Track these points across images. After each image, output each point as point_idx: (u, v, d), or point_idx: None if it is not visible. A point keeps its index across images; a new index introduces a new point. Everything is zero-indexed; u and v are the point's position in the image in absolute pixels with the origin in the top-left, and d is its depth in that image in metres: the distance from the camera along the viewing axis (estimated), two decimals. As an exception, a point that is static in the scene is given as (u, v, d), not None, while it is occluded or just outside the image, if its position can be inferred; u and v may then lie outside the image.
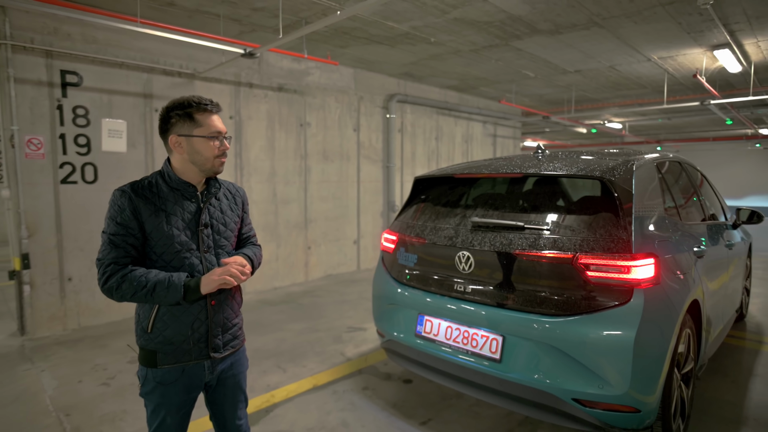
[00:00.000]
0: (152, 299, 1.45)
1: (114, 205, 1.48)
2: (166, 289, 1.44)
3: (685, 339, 2.37)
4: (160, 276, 1.45)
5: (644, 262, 2.06)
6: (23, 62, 4.04)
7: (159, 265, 1.51)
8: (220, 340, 1.59)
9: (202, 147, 1.53)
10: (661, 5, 4.31)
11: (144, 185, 1.53)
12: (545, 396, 2.12)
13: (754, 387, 3.09)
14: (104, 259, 1.45)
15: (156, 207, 1.51)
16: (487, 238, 2.36)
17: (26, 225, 4.12)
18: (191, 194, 1.57)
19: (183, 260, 1.52)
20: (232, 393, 1.69)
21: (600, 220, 2.18)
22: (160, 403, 1.53)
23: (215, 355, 1.58)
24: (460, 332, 2.40)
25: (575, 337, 2.06)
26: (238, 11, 4.49)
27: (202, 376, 1.58)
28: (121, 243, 1.46)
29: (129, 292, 1.43)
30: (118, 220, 1.47)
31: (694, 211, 3.12)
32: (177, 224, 1.52)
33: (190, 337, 1.53)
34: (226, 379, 1.66)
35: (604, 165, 2.38)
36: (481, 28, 5.00)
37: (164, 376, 1.52)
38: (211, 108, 1.56)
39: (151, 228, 1.49)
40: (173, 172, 1.56)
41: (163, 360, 1.51)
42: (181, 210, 1.54)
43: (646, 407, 2.04)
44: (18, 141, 4.04)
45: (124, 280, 1.43)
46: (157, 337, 1.51)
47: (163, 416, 1.54)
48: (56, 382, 3.23)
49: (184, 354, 1.53)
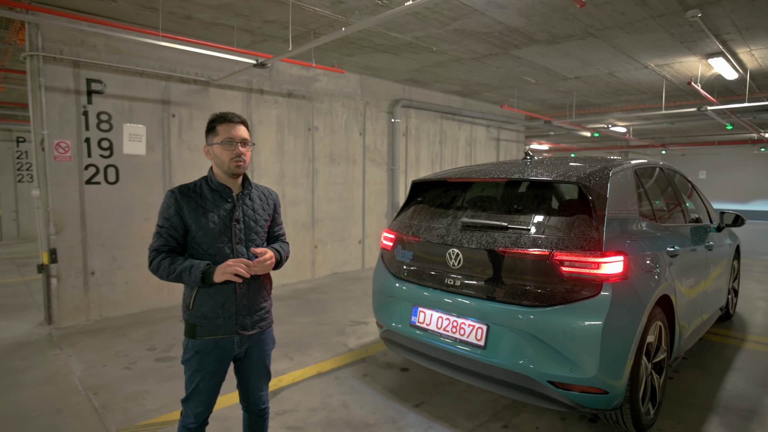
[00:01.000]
0: (181, 281, 1.76)
1: (164, 202, 1.81)
2: (188, 274, 1.73)
3: (655, 330, 2.59)
4: (185, 263, 1.75)
5: (613, 259, 2.29)
6: (53, 72, 4.37)
7: (199, 252, 1.81)
8: (248, 319, 1.86)
9: (219, 152, 1.81)
10: (652, 17, 4.52)
11: (190, 187, 1.85)
12: (524, 379, 2.36)
13: (730, 380, 3.29)
14: (151, 246, 1.81)
15: (197, 204, 1.81)
16: (475, 237, 2.60)
17: (54, 222, 4.44)
18: (227, 195, 1.87)
19: (218, 249, 1.81)
20: (257, 367, 1.95)
21: (576, 221, 2.42)
22: (196, 370, 1.81)
23: (243, 332, 1.85)
24: (450, 322, 2.65)
25: (550, 326, 2.30)
26: (251, 23, 4.79)
27: (231, 350, 1.86)
28: (164, 234, 1.79)
29: (164, 274, 1.76)
30: (165, 215, 1.80)
31: (673, 214, 3.33)
32: (213, 219, 1.81)
33: (221, 315, 1.81)
34: (252, 354, 1.92)
35: (583, 171, 2.61)
36: (481, 38, 5.25)
37: (201, 346, 1.80)
38: (230, 118, 1.82)
39: (191, 222, 1.80)
40: (214, 177, 1.87)
41: (200, 332, 1.80)
42: (218, 208, 1.84)
43: (613, 390, 2.27)
44: (47, 144, 4.37)
45: (160, 265, 1.76)
46: (196, 312, 1.80)
47: (197, 381, 1.81)
48: (83, 365, 3.54)
49: (217, 328, 1.81)
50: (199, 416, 1.85)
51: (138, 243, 4.96)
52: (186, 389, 1.84)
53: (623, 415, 2.43)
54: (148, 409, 2.87)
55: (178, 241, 1.81)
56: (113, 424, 2.70)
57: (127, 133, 4.82)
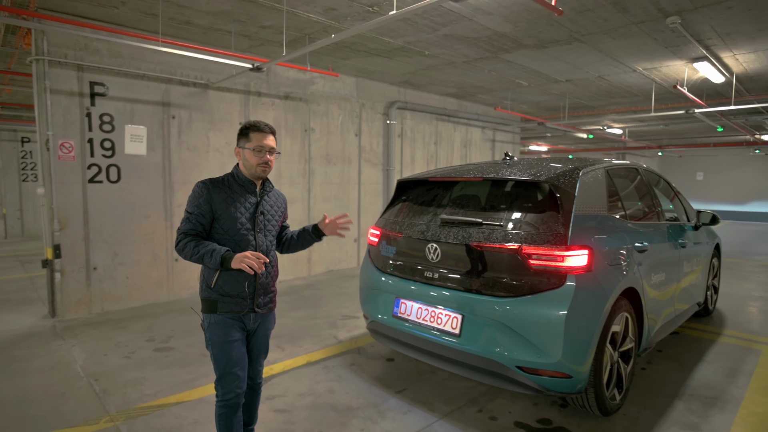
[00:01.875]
0: (203, 262, 1.97)
1: (195, 192, 2.02)
2: (210, 257, 1.94)
3: (621, 321, 2.75)
4: (209, 247, 1.96)
5: (578, 253, 2.46)
6: (58, 75, 4.57)
7: (225, 238, 2.03)
8: (262, 299, 2.10)
9: (249, 156, 2.06)
10: (634, 24, 4.68)
11: (220, 180, 2.09)
12: (495, 365, 2.53)
13: (699, 370, 3.45)
14: (180, 229, 2.02)
15: (227, 195, 2.04)
16: (452, 232, 2.78)
17: (58, 219, 4.63)
18: (252, 190, 2.12)
19: (242, 236, 2.04)
20: (261, 342, 2.19)
21: (545, 217, 2.58)
22: (223, 342, 2.00)
23: (258, 310, 2.09)
24: (429, 312, 2.82)
25: (519, 315, 2.46)
26: (248, 28, 4.97)
27: (248, 324, 2.09)
28: (193, 220, 2.01)
29: (188, 255, 1.97)
30: (196, 203, 2.01)
31: (645, 212, 3.50)
32: (240, 210, 2.05)
33: (242, 293, 2.03)
34: (259, 330, 2.16)
35: (554, 171, 2.78)
36: (471, 43, 5.42)
37: (222, 320, 2.02)
38: (263, 128, 2.07)
39: (221, 211, 2.02)
40: (241, 173, 2.11)
41: (221, 308, 2.01)
42: (244, 200, 2.08)
43: (576, 374, 2.44)
44: (52, 145, 4.56)
45: (186, 246, 1.97)
46: (218, 290, 2.01)
47: (227, 353, 1.99)
48: (85, 355, 3.72)
49: (236, 305, 2.03)
50: (241, 386, 2.01)
51: (138, 240, 5.15)
52: (217, 368, 2.01)
53: (588, 398, 2.60)
54: (145, 394, 3.05)
55: (205, 227, 2.03)
56: (113, 406, 2.88)
57: (128, 134, 5.01)
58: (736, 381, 3.26)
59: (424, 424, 2.69)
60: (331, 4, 4.26)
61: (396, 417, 2.77)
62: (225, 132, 5.80)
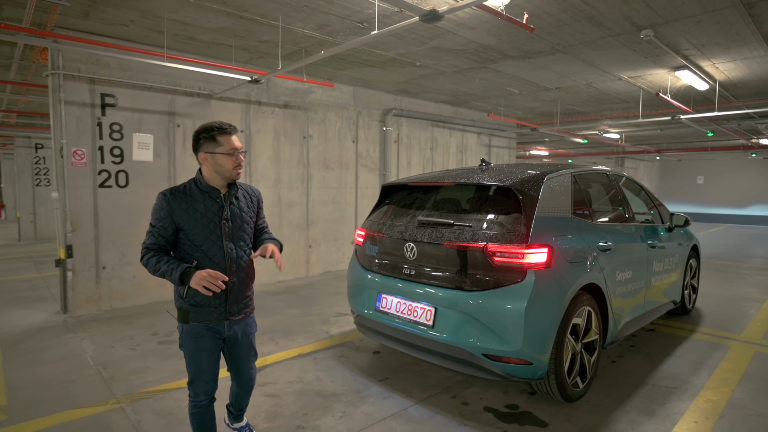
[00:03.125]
0: (162, 276, 1.95)
1: (156, 204, 2.01)
2: (170, 275, 1.92)
3: (582, 314, 2.99)
4: (169, 265, 1.93)
5: (537, 251, 2.71)
6: (72, 88, 4.91)
7: (192, 248, 2.00)
8: (235, 307, 2.09)
9: (223, 161, 2.00)
10: (611, 36, 4.93)
11: (180, 189, 2.03)
12: (464, 353, 2.78)
13: (667, 363, 3.66)
14: (144, 243, 2.02)
15: (188, 205, 1.99)
16: (427, 233, 3.04)
17: (70, 221, 4.96)
18: (216, 196, 2.05)
19: (210, 245, 2.00)
20: (246, 347, 2.20)
21: (509, 218, 2.84)
22: (196, 350, 2.03)
23: (231, 317, 2.08)
24: (406, 306, 3.08)
25: (484, 307, 2.71)
26: (247, 43, 5.29)
27: (222, 332, 2.09)
28: (155, 233, 1.99)
29: (151, 271, 1.96)
30: (157, 216, 1.99)
31: (612, 214, 3.73)
32: (204, 219, 2.01)
33: (213, 303, 2.03)
34: (241, 336, 2.15)
35: (520, 177, 3.03)
36: (459, 54, 5.69)
37: (195, 330, 2.03)
38: (230, 130, 2.02)
39: (184, 222, 1.98)
40: (203, 180, 2.05)
41: (193, 318, 2.02)
42: (207, 208, 2.02)
43: (537, 361, 2.68)
44: (66, 152, 4.89)
45: (148, 262, 1.97)
46: (189, 300, 2.01)
47: (199, 361, 2.03)
48: (94, 346, 4.02)
49: (208, 314, 2.03)
50: (209, 391, 2.08)
51: (145, 241, 5.45)
52: (189, 372, 2.05)
53: (550, 385, 2.83)
54: (148, 380, 3.33)
55: (168, 240, 2.00)
56: (119, 391, 3.17)
57: (136, 142, 5.34)
58: (700, 373, 3.48)
59: (401, 408, 2.94)
60: (324, 21, 4.56)
61: (376, 402, 3.02)
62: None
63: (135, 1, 4.09)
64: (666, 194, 19.72)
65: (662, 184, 19.77)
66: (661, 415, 2.84)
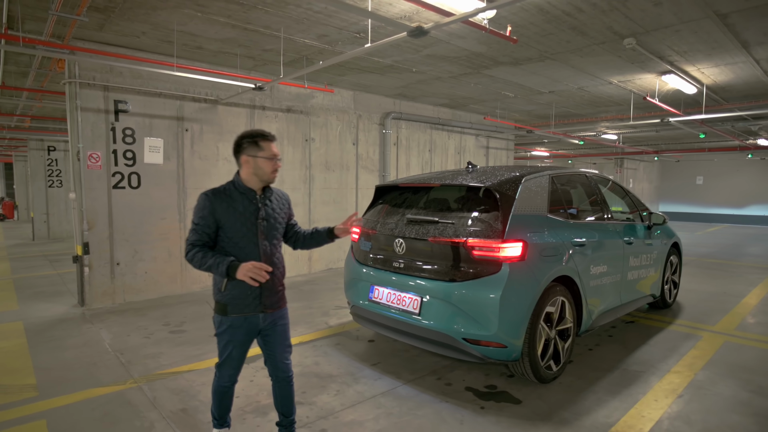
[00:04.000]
0: (210, 271, 2.12)
1: (199, 203, 2.15)
2: (217, 268, 2.08)
3: (556, 304, 3.27)
4: (215, 259, 2.08)
5: (512, 245, 3.00)
6: (87, 95, 5.25)
7: (230, 245, 2.16)
8: (269, 300, 2.23)
9: (263, 164, 2.18)
10: (596, 44, 5.20)
11: (221, 190, 2.19)
12: (446, 337, 3.08)
13: (640, 351, 3.94)
14: (188, 240, 2.16)
15: (228, 205, 2.15)
16: (414, 229, 3.34)
17: (87, 220, 5.31)
18: (252, 197, 2.22)
19: (246, 243, 2.17)
20: (281, 338, 2.32)
21: (488, 216, 3.13)
22: (229, 341, 2.21)
23: (267, 310, 2.23)
24: (396, 296, 3.38)
25: (464, 296, 3.01)
26: (252, 51, 5.61)
27: (258, 324, 2.23)
28: (199, 230, 2.14)
29: (197, 265, 2.12)
30: (200, 214, 2.14)
31: (589, 213, 4.01)
32: (242, 218, 2.17)
33: (249, 296, 2.18)
34: (276, 327, 2.29)
35: (500, 179, 3.32)
36: (452, 61, 5.99)
37: (232, 322, 2.18)
38: (271, 138, 2.22)
39: (224, 220, 2.14)
40: (241, 182, 2.21)
41: (231, 310, 2.17)
42: (245, 208, 2.19)
43: (511, 345, 2.97)
44: (82, 155, 5.24)
45: (194, 257, 2.12)
46: (228, 294, 2.16)
47: (230, 350, 2.22)
48: (111, 335, 4.36)
49: (245, 307, 2.18)
50: (232, 377, 2.29)
51: (156, 239, 5.80)
52: (220, 357, 2.26)
53: (524, 366, 3.12)
54: (162, 364, 3.66)
55: (210, 237, 2.16)
56: (136, 372, 3.49)
57: (147, 146, 5.68)
58: (668, 360, 3.75)
59: (390, 387, 3.25)
60: (322, 31, 4.87)
61: (367, 382, 3.33)
62: (232, 142, 6.43)
63: (147, 15, 4.42)
64: (666, 194, 19.88)
65: (662, 184, 19.92)
66: (626, 395, 3.12)
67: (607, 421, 2.79)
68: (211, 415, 2.41)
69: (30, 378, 3.41)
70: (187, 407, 2.97)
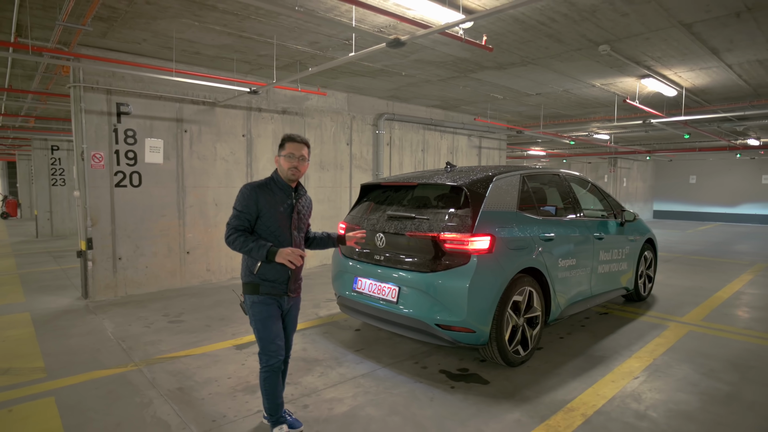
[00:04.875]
0: (249, 254, 2.38)
1: (244, 193, 2.42)
2: (258, 251, 2.33)
3: (524, 293, 3.54)
4: (255, 243, 2.35)
5: (480, 239, 3.27)
6: (91, 98, 5.54)
7: (267, 233, 2.43)
8: (293, 285, 2.54)
9: (283, 162, 2.48)
10: (573, 50, 5.47)
11: (263, 184, 2.48)
12: (421, 323, 3.36)
13: (607, 339, 4.21)
14: (231, 224, 2.41)
15: (270, 197, 2.44)
16: (393, 224, 3.61)
17: (90, 217, 5.59)
18: (288, 192, 2.52)
19: (281, 232, 2.45)
20: (293, 321, 2.65)
21: (460, 212, 3.41)
22: (266, 316, 2.44)
23: (291, 294, 2.53)
24: (376, 286, 3.66)
25: (436, 285, 3.29)
26: (247, 56, 5.89)
27: (283, 305, 2.53)
28: (242, 217, 2.40)
29: (237, 247, 2.37)
30: (245, 203, 2.40)
31: (560, 209, 4.27)
32: (280, 209, 2.46)
33: (279, 279, 2.46)
34: (292, 310, 2.62)
35: (472, 178, 3.60)
36: (440, 66, 6.26)
37: (264, 300, 2.46)
38: (295, 138, 2.47)
39: (265, 210, 2.42)
40: (280, 178, 2.51)
41: (262, 290, 2.44)
42: (283, 201, 2.48)
43: (479, 330, 3.25)
44: (86, 155, 5.53)
45: (236, 239, 2.37)
46: (260, 276, 2.43)
47: (270, 325, 2.44)
48: (113, 325, 4.64)
49: (274, 288, 2.46)
50: (281, 352, 2.45)
51: (156, 235, 6.09)
52: (261, 340, 2.44)
53: (492, 350, 3.40)
54: (161, 350, 3.94)
55: (251, 223, 2.42)
56: (136, 357, 3.78)
57: (148, 146, 5.96)
58: (632, 347, 4.02)
59: (370, 370, 3.53)
60: (313, 39, 5.14)
61: (350, 366, 3.61)
62: (230, 143, 6.73)
63: (147, 24, 4.70)
64: (660, 193, 20.12)
65: (656, 183, 20.17)
66: (586, 377, 3.40)
67: (565, 398, 3.07)
68: (265, 412, 2.53)
69: (38, 362, 3.69)
70: (183, 386, 3.25)
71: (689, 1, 3.99)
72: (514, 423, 2.76)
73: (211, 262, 6.66)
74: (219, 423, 2.76)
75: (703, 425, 2.75)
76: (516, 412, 2.89)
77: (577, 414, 2.86)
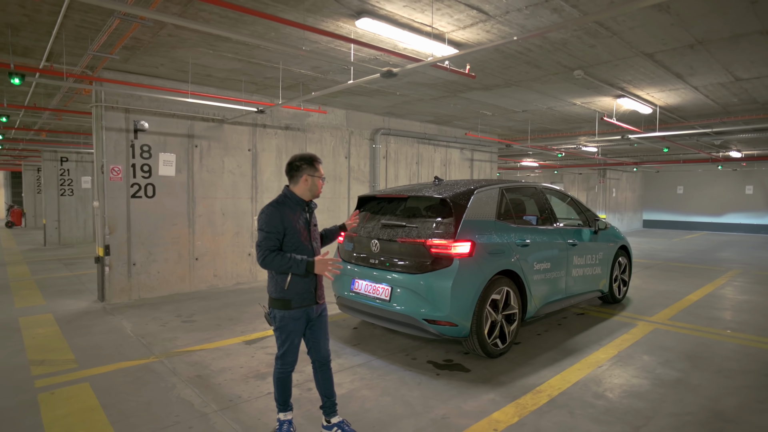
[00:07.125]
0: (288, 270, 2.46)
1: (269, 214, 2.49)
2: (297, 266, 2.44)
3: (501, 292, 4.01)
4: (295, 257, 2.45)
5: (462, 244, 3.76)
6: (111, 116, 6.04)
7: (290, 247, 2.52)
8: (319, 292, 2.65)
9: (318, 183, 2.64)
10: (551, 74, 6.02)
11: (281, 202, 2.56)
12: (411, 319, 3.82)
13: (580, 336, 4.67)
14: (262, 246, 2.46)
15: (291, 214, 2.54)
16: (386, 232, 4.10)
17: (108, 226, 6.06)
18: (304, 207, 2.63)
19: (302, 244, 2.56)
20: (325, 327, 2.73)
21: (445, 221, 3.89)
22: (291, 332, 2.56)
23: (319, 301, 2.65)
24: (371, 287, 4.13)
25: (424, 285, 3.76)
26: (254, 78, 6.42)
27: (311, 315, 2.63)
28: (272, 238, 2.47)
29: (276, 266, 2.44)
30: (273, 224, 2.47)
31: (535, 219, 4.77)
32: (299, 224, 2.57)
33: (307, 291, 2.57)
34: (321, 317, 2.70)
35: (455, 191, 4.09)
36: (431, 86, 6.80)
37: (294, 314, 2.55)
38: (321, 161, 2.68)
39: (288, 226, 2.52)
40: (294, 194, 2.61)
41: (294, 304, 2.54)
42: (301, 216, 2.60)
43: (461, 324, 3.71)
44: (105, 169, 6.01)
45: (274, 260, 2.43)
46: (291, 291, 2.52)
47: (292, 339, 2.58)
48: (131, 324, 5.08)
49: (304, 300, 2.57)
50: (295, 361, 2.66)
51: (168, 242, 6.55)
52: (281, 348, 2.60)
53: (473, 342, 3.86)
54: (178, 345, 4.38)
55: (280, 241, 2.50)
56: (156, 351, 4.22)
57: (161, 160, 6.45)
58: (601, 342, 4.49)
59: (366, 361, 3.98)
60: (315, 64, 5.68)
61: (348, 357, 4.06)
62: (236, 157, 7.23)
63: (166, 52, 5.22)
64: (649, 203, 20.70)
65: (645, 193, 20.76)
66: (556, 366, 3.86)
67: (535, 383, 3.52)
68: (276, 402, 2.74)
69: (69, 354, 4.13)
70: (201, 374, 3.70)
71: (647, 36, 4.53)
72: (489, 401, 3.22)
73: (218, 268, 7.11)
74: (235, 402, 3.21)
75: (651, 402, 3.21)
76: (491, 393, 3.35)
77: (544, 395, 3.32)
